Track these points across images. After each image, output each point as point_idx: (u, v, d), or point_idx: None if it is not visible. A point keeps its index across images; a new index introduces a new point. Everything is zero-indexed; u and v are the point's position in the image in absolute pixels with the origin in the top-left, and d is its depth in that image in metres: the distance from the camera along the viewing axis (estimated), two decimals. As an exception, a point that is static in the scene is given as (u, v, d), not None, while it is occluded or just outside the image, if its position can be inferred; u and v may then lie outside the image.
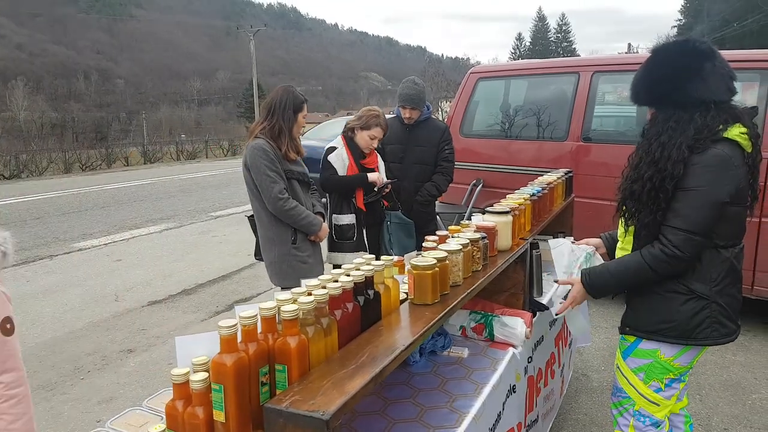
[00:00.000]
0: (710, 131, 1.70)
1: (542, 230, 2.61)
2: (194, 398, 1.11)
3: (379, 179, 3.37)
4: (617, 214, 1.93)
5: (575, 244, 2.17)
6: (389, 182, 3.48)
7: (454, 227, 2.02)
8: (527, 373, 2.17)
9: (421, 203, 3.78)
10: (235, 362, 1.08)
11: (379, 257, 1.55)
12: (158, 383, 3.40)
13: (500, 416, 1.83)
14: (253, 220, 3.04)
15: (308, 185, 3.06)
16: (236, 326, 1.11)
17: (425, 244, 1.79)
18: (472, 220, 2.18)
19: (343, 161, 3.37)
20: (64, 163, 19.55)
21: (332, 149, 3.42)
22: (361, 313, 1.38)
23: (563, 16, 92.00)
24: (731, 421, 3.01)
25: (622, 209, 1.89)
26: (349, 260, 1.55)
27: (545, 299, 2.48)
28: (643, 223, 1.80)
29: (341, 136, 3.49)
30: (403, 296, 1.62)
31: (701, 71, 1.71)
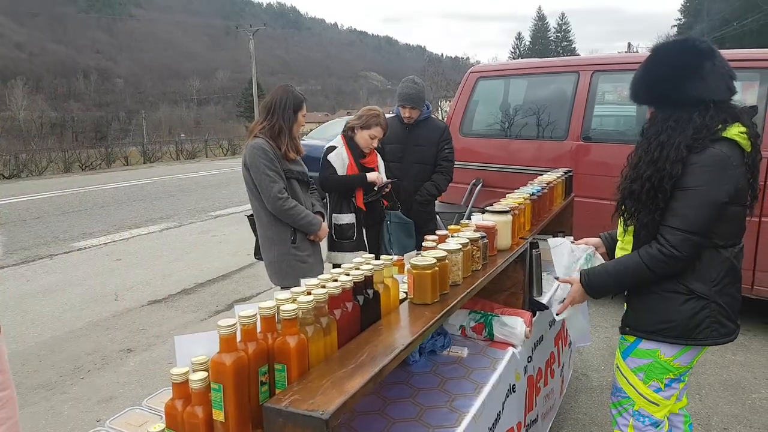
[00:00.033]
0: (709, 131, 1.69)
1: (542, 230, 2.61)
2: (194, 398, 1.11)
3: (378, 179, 3.37)
4: (616, 213, 1.93)
5: (575, 243, 2.17)
6: (389, 182, 3.47)
7: (453, 227, 2.02)
8: (527, 372, 2.17)
9: (420, 203, 3.78)
10: (234, 362, 1.08)
11: (378, 257, 1.55)
12: (158, 383, 3.40)
13: (500, 416, 1.83)
14: (252, 219, 3.04)
15: (308, 185, 3.06)
16: (235, 326, 1.11)
17: (425, 243, 1.79)
18: (471, 219, 2.18)
19: (342, 160, 3.37)
20: (63, 162, 19.55)
21: (332, 148, 3.41)
22: (360, 312, 1.38)
23: (563, 15, 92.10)
24: (731, 420, 3.01)
25: (621, 209, 1.89)
26: (348, 260, 1.55)
27: (545, 299, 2.48)
28: (642, 222, 1.80)
29: (341, 135, 3.48)
30: (402, 296, 1.62)
31: (701, 70, 1.71)
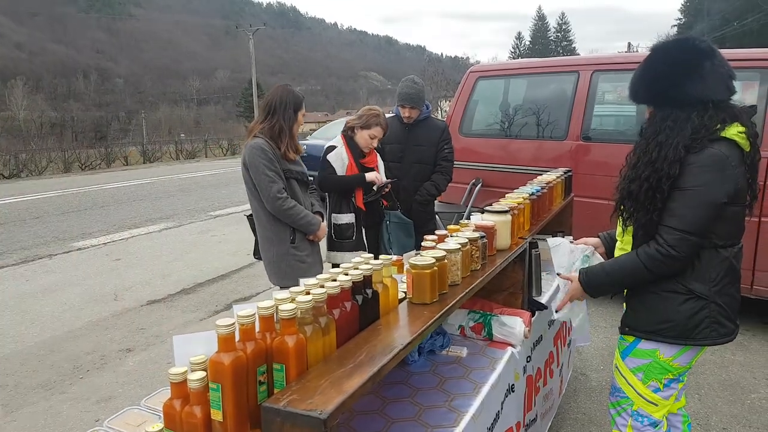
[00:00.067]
0: (708, 131, 1.69)
1: (541, 229, 2.61)
2: (192, 397, 1.11)
3: (377, 178, 3.36)
4: (615, 213, 1.92)
5: (574, 243, 2.17)
6: (388, 181, 3.47)
7: (453, 226, 2.01)
8: (526, 372, 2.17)
9: (420, 202, 3.78)
10: (232, 361, 1.08)
11: (378, 257, 1.55)
12: (157, 382, 3.40)
13: (499, 415, 1.83)
14: (252, 219, 3.04)
15: (307, 185, 3.06)
16: (234, 325, 1.11)
17: (424, 243, 1.79)
18: (471, 219, 2.17)
19: (342, 160, 3.36)
20: (63, 162, 19.54)
21: (332, 148, 3.41)
22: (359, 312, 1.38)
23: (563, 14, 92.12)
24: (730, 420, 3.01)
25: (619, 209, 1.89)
26: (348, 259, 1.55)
27: (544, 299, 2.48)
28: (640, 223, 1.80)
29: (341, 135, 3.48)
30: (401, 295, 1.62)
31: (700, 70, 1.71)
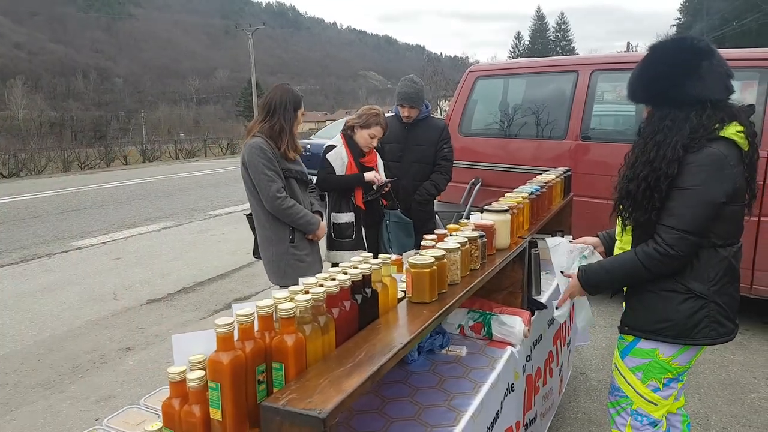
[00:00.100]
0: (706, 130, 1.69)
1: (541, 229, 2.61)
2: (191, 396, 1.11)
3: (375, 178, 3.36)
4: (614, 213, 1.93)
5: (573, 243, 2.16)
6: (388, 181, 3.47)
7: (452, 226, 2.01)
8: (526, 371, 2.17)
9: (419, 202, 3.77)
10: (231, 360, 1.08)
11: (377, 256, 1.55)
12: (156, 381, 3.40)
13: (498, 415, 1.83)
14: (251, 218, 3.04)
15: (306, 184, 3.05)
16: (233, 324, 1.11)
17: (423, 242, 1.78)
18: (470, 218, 2.17)
19: (342, 159, 3.36)
20: (62, 161, 19.54)
21: (331, 147, 3.41)
22: (358, 311, 1.37)
23: (562, 14, 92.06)
24: (730, 420, 3.01)
25: (618, 208, 1.89)
26: (347, 259, 1.54)
27: (543, 298, 2.48)
28: (638, 222, 1.80)
29: (341, 134, 3.48)
30: (401, 295, 1.62)
31: (699, 69, 1.71)
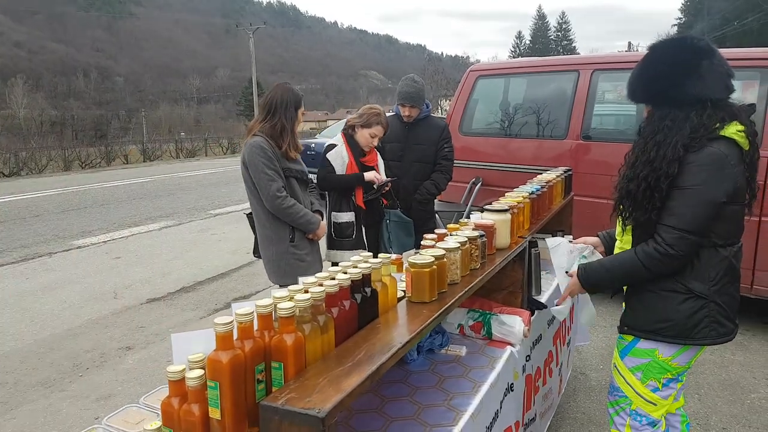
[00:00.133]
0: (706, 130, 1.69)
1: (541, 228, 2.60)
2: (190, 395, 1.11)
3: (375, 177, 3.36)
4: (614, 213, 1.92)
5: (573, 243, 2.16)
6: (388, 180, 3.46)
7: (452, 225, 2.01)
8: (525, 371, 2.17)
9: (420, 201, 3.77)
10: (230, 359, 1.08)
11: (377, 256, 1.55)
12: (157, 380, 3.40)
13: (498, 414, 1.83)
14: (251, 217, 3.04)
15: (306, 183, 3.05)
16: (232, 323, 1.11)
17: (423, 242, 1.78)
18: (470, 218, 2.17)
19: (342, 159, 3.36)
20: (63, 160, 19.55)
21: (332, 146, 3.41)
22: (358, 310, 1.37)
23: (563, 14, 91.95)
24: (730, 420, 3.01)
25: (619, 208, 1.89)
26: (347, 258, 1.54)
27: (543, 298, 2.47)
28: (638, 222, 1.80)
29: (341, 133, 3.48)
30: (400, 294, 1.62)
31: (699, 68, 1.70)
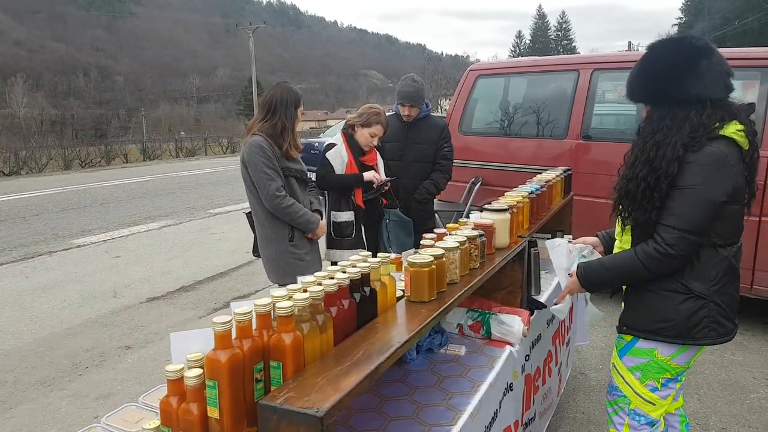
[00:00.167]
0: (706, 129, 1.69)
1: (541, 228, 2.60)
2: (188, 394, 1.11)
3: (375, 177, 3.36)
4: (614, 213, 1.92)
5: (572, 243, 2.16)
6: (388, 180, 3.46)
7: (452, 225, 2.01)
8: (524, 371, 2.17)
9: (419, 201, 3.77)
10: (229, 358, 1.07)
11: (377, 255, 1.55)
12: (156, 379, 3.39)
13: (497, 414, 1.83)
14: (251, 217, 3.04)
15: (306, 183, 3.05)
16: (230, 322, 1.11)
17: (423, 241, 1.78)
18: (470, 217, 2.17)
19: (342, 158, 3.36)
20: (63, 160, 19.56)
21: (331, 146, 3.41)
22: (357, 310, 1.37)
23: (563, 13, 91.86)
24: (729, 420, 3.01)
25: (618, 208, 1.89)
26: (347, 257, 1.54)
27: (543, 297, 2.47)
28: (638, 221, 1.80)
29: (341, 132, 3.47)
30: (399, 293, 1.61)
31: (697, 68, 1.70)
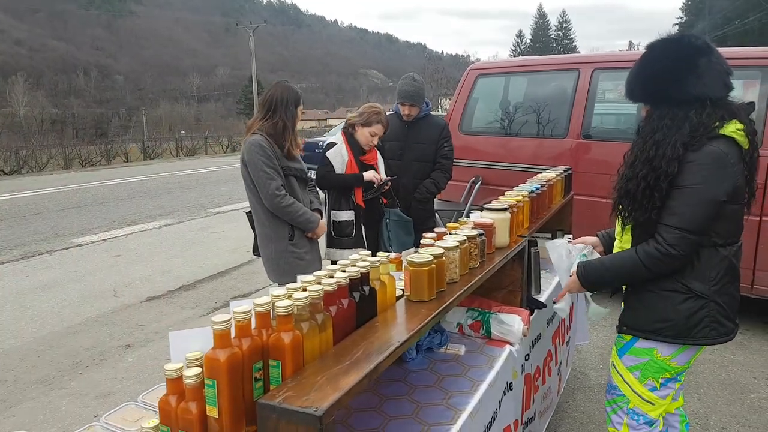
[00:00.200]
0: (706, 128, 1.68)
1: (541, 227, 2.60)
2: (187, 393, 1.11)
3: (374, 177, 3.35)
4: (614, 212, 1.92)
5: (572, 242, 2.16)
6: (388, 179, 3.46)
7: (452, 224, 2.01)
8: (524, 370, 2.17)
9: (419, 200, 3.77)
10: (228, 357, 1.07)
11: (376, 254, 1.54)
12: (156, 378, 3.39)
13: (496, 413, 1.83)
14: (251, 216, 3.04)
15: (306, 182, 3.05)
16: (229, 321, 1.11)
17: (423, 240, 1.78)
18: (470, 217, 2.17)
19: (342, 157, 3.35)
20: (63, 159, 19.57)
21: (331, 145, 3.40)
22: (356, 309, 1.37)
23: (564, 13, 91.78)
24: (729, 420, 3.01)
25: (618, 208, 1.88)
26: (347, 257, 1.54)
27: (543, 297, 2.47)
28: (638, 221, 1.79)
29: (341, 132, 3.47)
30: (399, 293, 1.61)
31: (696, 67, 1.70)
